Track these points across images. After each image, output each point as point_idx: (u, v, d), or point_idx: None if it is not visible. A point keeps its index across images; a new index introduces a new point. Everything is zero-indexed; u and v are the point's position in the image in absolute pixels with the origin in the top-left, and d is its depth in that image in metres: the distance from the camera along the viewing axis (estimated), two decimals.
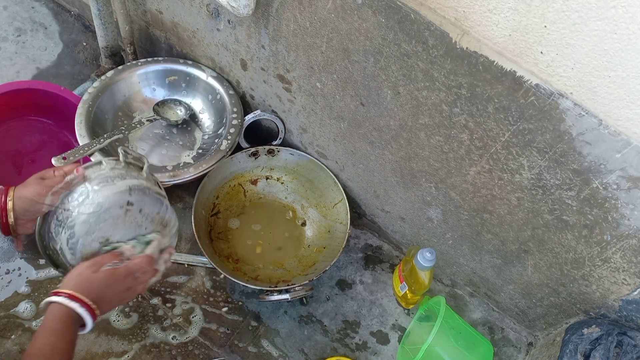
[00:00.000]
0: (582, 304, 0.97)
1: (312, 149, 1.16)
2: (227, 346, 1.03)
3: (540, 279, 0.99)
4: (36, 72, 1.31)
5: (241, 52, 1.06)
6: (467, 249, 1.07)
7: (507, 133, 0.79)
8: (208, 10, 1.03)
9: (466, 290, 1.18)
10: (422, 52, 0.78)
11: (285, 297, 1.00)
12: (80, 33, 1.40)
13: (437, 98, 0.83)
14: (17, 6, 1.40)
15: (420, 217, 1.08)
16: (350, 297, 1.13)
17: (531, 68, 0.70)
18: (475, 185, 0.92)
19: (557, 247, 0.90)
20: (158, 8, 1.15)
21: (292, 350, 1.05)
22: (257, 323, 1.07)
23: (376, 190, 1.12)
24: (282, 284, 1.04)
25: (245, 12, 0.89)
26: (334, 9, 0.83)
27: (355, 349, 1.08)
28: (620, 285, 0.87)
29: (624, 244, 0.81)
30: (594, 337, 0.87)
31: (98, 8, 1.13)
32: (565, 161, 0.77)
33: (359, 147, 1.04)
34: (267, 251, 1.13)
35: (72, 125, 1.06)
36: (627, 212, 0.77)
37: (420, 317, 1.11)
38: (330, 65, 0.93)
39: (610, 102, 0.67)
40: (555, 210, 0.85)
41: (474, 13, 0.69)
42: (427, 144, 0.92)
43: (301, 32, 0.91)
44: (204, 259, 1.02)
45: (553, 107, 0.72)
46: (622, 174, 0.73)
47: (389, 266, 1.19)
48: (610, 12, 0.59)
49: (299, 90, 1.04)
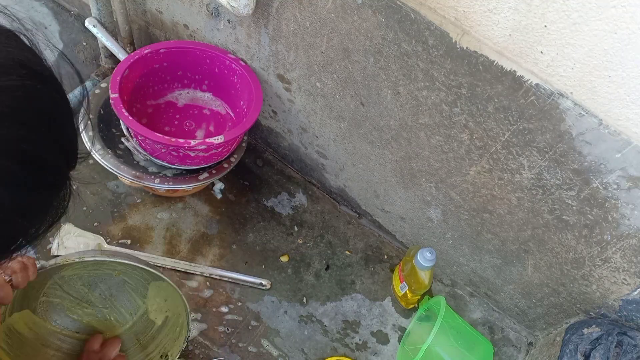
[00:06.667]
0: (582, 304, 0.97)
1: (312, 149, 1.16)
2: (227, 346, 1.03)
3: (540, 279, 0.99)
4: None
5: (241, 51, 1.06)
6: (467, 248, 1.07)
7: (507, 133, 0.79)
8: (208, 10, 1.03)
9: (466, 290, 1.18)
10: (422, 52, 0.78)
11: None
12: (80, 33, 1.40)
13: (437, 98, 0.83)
14: (17, 6, 1.40)
15: (420, 216, 1.08)
16: (350, 297, 1.13)
17: (531, 68, 0.70)
18: (475, 185, 0.92)
19: (557, 247, 0.90)
20: (158, 8, 1.15)
21: (292, 350, 1.05)
22: (257, 323, 1.07)
23: (376, 190, 1.12)
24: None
25: (245, 11, 0.89)
26: (334, 8, 0.83)
27: (355, 349, 1.08)
28: (620, 285, 0.87)
29: (624, 244, 0.81)
30: (594, 337, 0.87)
31: (98, 8, 1.13)
32: (565, 161, 0.77)
33: (359, 147, 1.04)
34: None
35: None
36: (627, 211, 0.77)
37: (420, 317, 1.11)
38: (330, 65, 0.93)
39: (610, 102, 0.67)
40: (556, 210, 0.85)
41: (474, 13, 0.69)
42: (427, 143, 0.92)
43: (301, 31, 0.91)
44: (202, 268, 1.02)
45: (553, 107, 0.72)
46: (622, 174, 0.73)
47: (389, 266, 1.19)
48: (610, 12, 0.59)
49: (298, 90, 1.04)
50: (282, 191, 1.24)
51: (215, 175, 1.05)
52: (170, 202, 1.16)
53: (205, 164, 1.03)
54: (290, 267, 1.14)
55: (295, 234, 1.19)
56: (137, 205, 1.15)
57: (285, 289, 1.11)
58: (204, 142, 0.94)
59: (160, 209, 1.15)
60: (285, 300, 1.10)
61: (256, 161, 1.27)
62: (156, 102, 1.13)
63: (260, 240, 1.16)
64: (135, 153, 1.03)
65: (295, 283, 1.13)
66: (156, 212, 1.15)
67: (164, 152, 0.97)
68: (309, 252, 1.17)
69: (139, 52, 1.03)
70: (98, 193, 1.14)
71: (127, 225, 1.12)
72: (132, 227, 1.11)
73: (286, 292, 1.11)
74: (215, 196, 1.19)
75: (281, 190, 1.24)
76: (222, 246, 1.14)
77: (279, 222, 1.20)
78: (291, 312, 1.09)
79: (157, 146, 0.96)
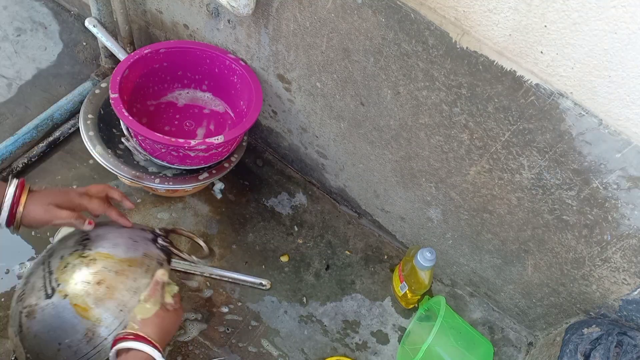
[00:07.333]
0: (582, 304, 0.97)
1: (312, 149, 1.16)
2: (227, 346, 1.03)
3: (540, 279, 0.99)
4: (36, 72, 1.31)
5: (241, 51, 1.06)
6: (467, 248, 1.07)
7: (507, 133, 0.79)
8: (208, 10, 1.03)
9: (466, 290, 1.18)
10: (422, 52, 0.78)
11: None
12: (80, 33, 1.40)
13: (437, 98, 0.83)
14: (17, 6, 1.40)
15: (420, 216, 1.08)
16: (350, 297, 1.13)
17: (531, 68, 0.70)
18: (475, 185, 0.92)
19: (557, 246, 0.90)
20: (158, 8, 1.15)
21: (292, 350, 1.05)
22: (257, 323, 1.07)
23: (376, 190, 1.12)
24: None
25: (245, 11, 0.89)
26: (334, 8, 0.83)
27: (355, 349, 1.08)
28: (620, 285, 0.87)
29: (624, 244, 0.81)
30: (594, 337, 0.87)
31: (98, 8, 1.13)
32: (565, 161, 0.77)
33: (359, 147, 1.04)
34: None
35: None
36: (627, 211, 0.77)
37: (420, 317, 1.11)
38: (330, 65, 0.93)
39: (610, 102, 0.67)
40: (556, 210, 0.85)
41: (474, 13, 0.69)
42: (427, 143, 0.92)
43: (301, 31, 0.91)
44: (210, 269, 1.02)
45: (553, 107, 0.72)
46: (622, 174, 0.73)
47: (389, 266, 1.19)
48: (610, 12, 0.59)
49: (298, 90, 1.04)
50: (282, 191, 1.24)
51: (215, 175, 1.05)
52: (170, 202, 1.17)
53: (205, 164, 1.03)
54: (290, 267, 1.14)
55: (295, 234, 1.19)
56: (137, 205, 1.15)
57: (285, 289, 1.11)
58: (204, 142, 0.94)
59: (160, 209, 1.15)
60: (285, 300, 1.10)
61: (256, 161, 1.27)
62: (156, 102, 1.13)
63: (260, 240, 1.16)
64: (135, 153, 1.03)
65: (295, 283, 1.13)
66: (156, 212, 1.15)
67: (164, 152, 0.97)
68: (309, 252, 1.17)
69: (139, 52, 1.03)
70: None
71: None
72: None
73: (286, 292, 1.11)
74: (215, 196, 1.19)
75: (281, 190, 1.24)
76: (222, 246, 1.14)
77: (279, 222, 1.20)
78: (291, 312, 1.09)
79: (157, 146, 0.96)
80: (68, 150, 1.19)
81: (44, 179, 1.14)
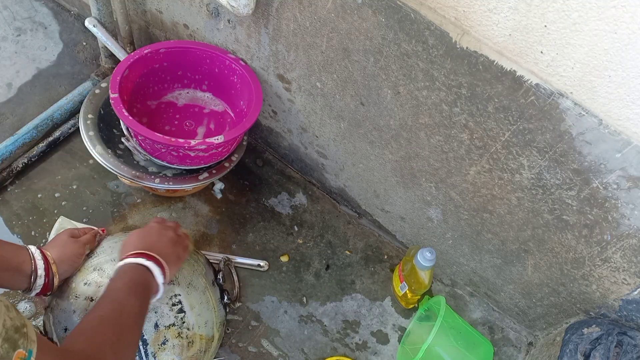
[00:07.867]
0: (582, 304, 0.97)
1: (312, 149, 1.16)
2: (227, 346, 1.03)
3: (540, 279, 0.99)
4: (36, 72, 1.31)
5: (241, 51, 1.06)
6: (467, 248, 1.07)
7: (507, 133, 0.79)
8: (208, 9, 1.03)
9: (466, 290, 1.18)
10: (422, 52, 0.78)
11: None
12: (80, 33, 1.40)
13: (437, 98, 0.83)
14: (17, 6, 1.40)
15: (420, 216, 1.08)
16: (350, 297, 1.13)
17: (531, 68, 0.70)
18: (475, 185, 0.92)
19: (557, 246, 0.90)
20: (158, 8, 1.15)
21: (292, 350, 1.05)
22: (257, 323, 1.07)
23: (376, 190, 1.12)
24: None
25: (245, 11, 0.89)
26: (334, 8, 0.83)
27: (355, 349, 1.08)
28: (620, 285, 0.87)
29: (624, 244, 0.81)
30: (594, 336, 0.87)
31: (98, 8, 1.13)
32: (565, 161, 0.77)
33: (359, 147, 1.04)
34: None
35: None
36: (627, 211, 0.77)
37: (420, 317, 1.11)
38: (330, 64, 0.93)
39: (610, 102, 0.67)
40: (556, 210, 0.85)
41: (474, 12, 0.69)
42: (427, 143, 0.92)
43: (301, 31, 0.91)
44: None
45: (553, 107, 0.72)
46: (622, 174, 0.73)
47: (389, 266, 1.19)
48: (610, 12, 0.59)
49: (298, 90, 1.04)
50: (282, 191, 1.24)
51: (216, 175, 1.05)
52: (170, 202, 1.17)
53: (205, 163, 1.03)
54: (290, 266, 1.14)
55: (295, 234, 1.19)
56: (137, 205, 1.15)
57: (285, 289, 1.12)
58: (204, 142, 0.94)
59: (160, 208, 1.15)
60: (285, 300, 1.10)
61: (256, 161, 1.27)
62: (156, 102, 1.13)
63: (260, 240, 1.16)
64: (135, 153, 1.03)
65: (295, 283, 1.13)
66: (156, 212, 1.15)
67: (164, 152, 0.97)
68: (309, 252, 1.17)
69: (139, 52, 1.03)
70: (98, 193, 1.14)
71: (127, 225, 1.12)
72: (132, 227, 1.11)
73: (286, 292, 1.11)
74: (215, 196, 1.19)
75: (281, 190, 1.24)
76: (222, 246, 1.14)
77: (279, 222, 1.20)
78: (291, 312, 1.09)
79: (157, 146, 0.96)
80: (68, 150, 1.19)
81: (44, 179, 1.14)
